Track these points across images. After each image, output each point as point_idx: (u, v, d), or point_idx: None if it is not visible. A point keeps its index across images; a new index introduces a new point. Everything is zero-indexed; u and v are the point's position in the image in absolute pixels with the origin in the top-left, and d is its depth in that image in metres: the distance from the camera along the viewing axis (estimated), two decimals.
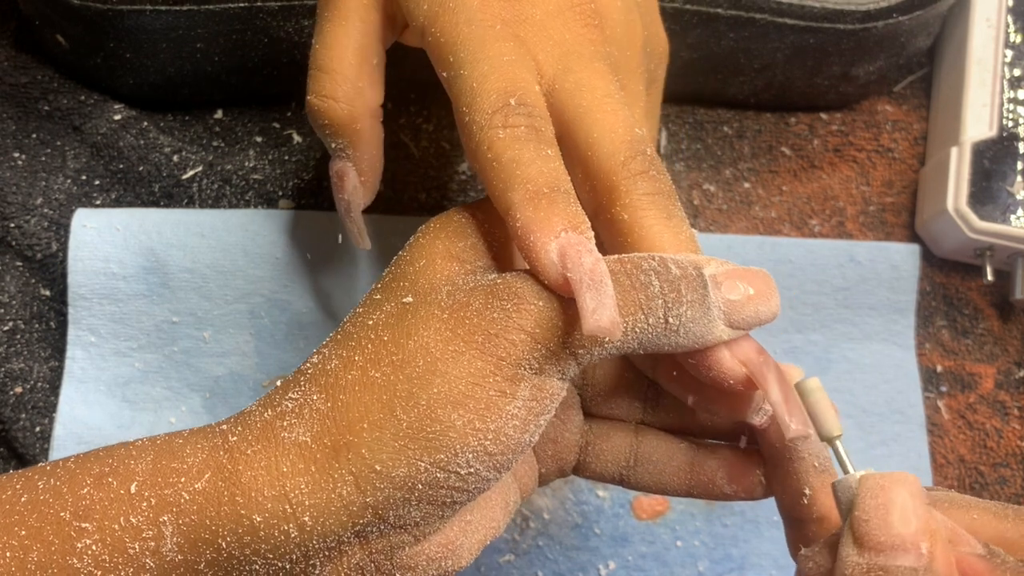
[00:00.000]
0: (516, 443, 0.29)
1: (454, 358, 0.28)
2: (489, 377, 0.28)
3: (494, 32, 0.32)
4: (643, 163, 0.32)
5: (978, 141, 0.50)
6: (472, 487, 0.29)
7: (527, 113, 0.31)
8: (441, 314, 0.29)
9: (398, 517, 0.29)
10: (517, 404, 0.28)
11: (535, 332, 0.28)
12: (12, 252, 0.49)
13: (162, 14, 0.46)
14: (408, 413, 0.28)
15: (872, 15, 0.49)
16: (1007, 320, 0.52)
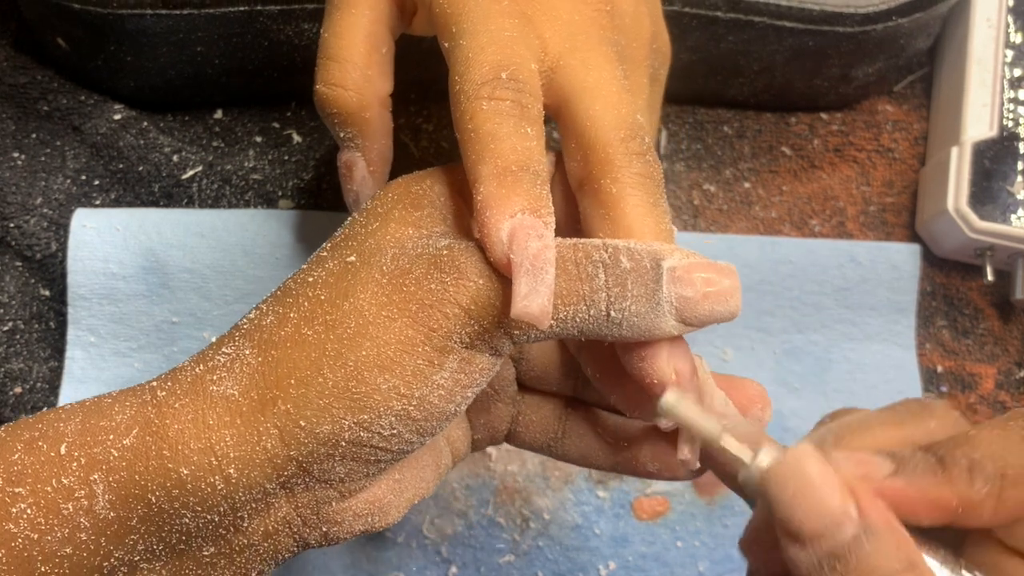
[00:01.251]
0: (440, 411, 0.29)
1: (386, 323, 0.28)
2: (419, 346, 0.28)
3: (499, 7, 0.32)
4: (641, 146, 0.31)
5: (978, 141, 0.50)
6: (395, 448, 0.29)
7: (516, 88, 0.30)
8: (380, 278, 0.29)
9: (322, 472, 0.29)
10: (444, 375, 0.29)
11: (470, 308, 0.28)
12: (12, 252, 0.49)
13: (162, 18, 0.46)
14: (335, 372, 0.28)
15: (871, 18, 0.49)
16: (1007, 320, 0.52)
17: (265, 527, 0.30)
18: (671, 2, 0.48)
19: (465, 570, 0.47)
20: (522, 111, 0.30)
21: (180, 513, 0.29)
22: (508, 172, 0.29)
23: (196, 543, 0.29)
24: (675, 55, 0.50)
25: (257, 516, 0.29)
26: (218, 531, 0.29)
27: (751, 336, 0.50)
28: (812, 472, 0.26)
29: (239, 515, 0.29)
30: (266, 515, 0.30)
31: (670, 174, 0.53)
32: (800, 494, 0.26)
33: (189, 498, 0.28)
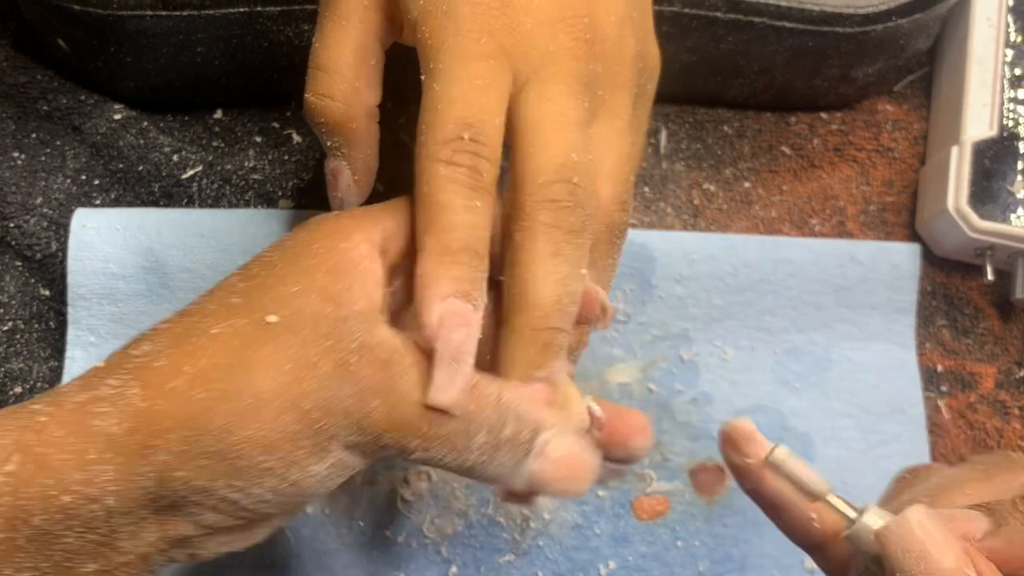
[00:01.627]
0: (312, 492, 0.31)
1: (276, 412, 0.30)
2: (303, 440, 0.30)
3: (477, 47, 0.32)
4: (561, 191, 0.32)
5: (978, 140, 0.50)
6: (260, 511, 0.31)
7: (474, 151, 0.32)
8: (286, 364, 0.30)
9: (190, 515, 0.31)
10: (319, 468, 0.31)
11: (360, 424, 0.30)
12: (12, 252, 0.49)
13: (163, 19, 0.46)
14: (220, 442, 0.29)
15: (871, 18, 0.49)
16: (1007, 320, 0.52)
17: (140, 549, 0.31)
18: (671, 2, 0.48)
19: (465, 570, 0.47)
20: (476, 180, 0.32)
21: (63, 534, 0.30)
22: (448, 251, 0.31)
23: (79, 559, 0.30)
24: (674, 56, 0.50)
25: (132, 539, 0.31)
26: (98, 549, 0.30)
27: (751, 336, 0.50)
28: (934, 534, 0.28)
29: (116, 535, 0.30)
30: (139, 539, 0.31)
31: (670, 174, 0.53)
32: (921, 554, 0.28)
33: (72, 521, 0.29)
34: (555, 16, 0.33)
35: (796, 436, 0.49)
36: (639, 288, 0.50)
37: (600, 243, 0.35)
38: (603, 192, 0.35)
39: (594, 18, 0.34)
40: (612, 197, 0.35)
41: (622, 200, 0.35)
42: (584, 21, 0.34)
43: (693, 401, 0.49)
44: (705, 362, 0.50)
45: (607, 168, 0.35)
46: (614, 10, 0.35)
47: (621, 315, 0.50)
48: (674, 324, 0.50)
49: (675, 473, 0.48)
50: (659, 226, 0.52)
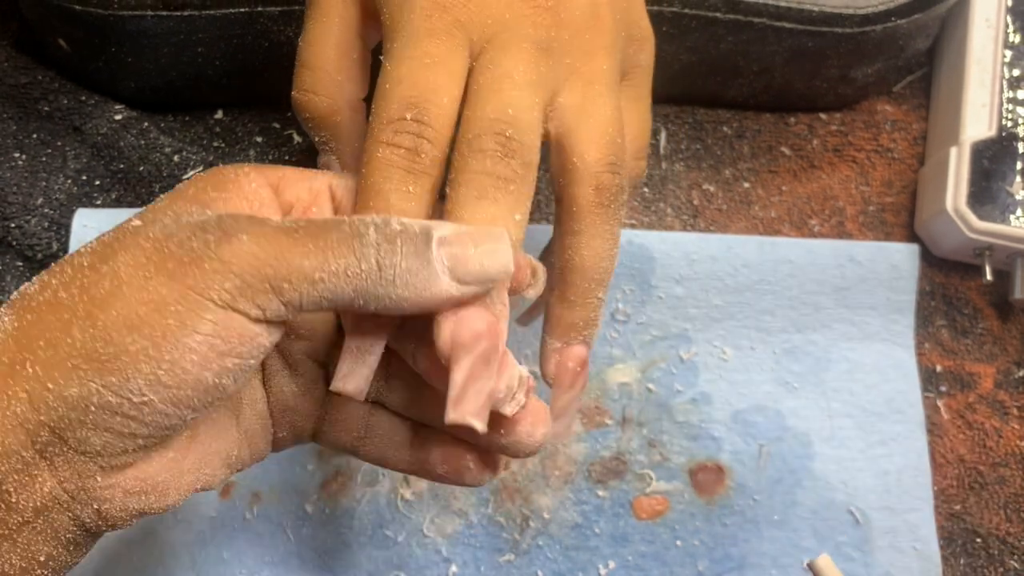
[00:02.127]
0: (196, 379, 0.28)
1: (141, 283, 0.28)
2: (171, 305, 0.27)
3: (428, 25, 0.33)
4: (490, 142, 0.32)
5: (977, 141, 0.50)
6: (149, 419, 0.28)
7: (416, 132, 0.31)
8: (144, 243, 0.28)
9: (77, 441, 0.28)
10: (197, 338, 0.27)
11: (231, 262, 0.28)
12: (12, 252, 0.49)
13: (163, 19, 0.46)
14: (83, 333, 0.27)
15: (870, 19, 0.49)
16: (1006, 320, 0.52)
17: (35, 503, 0.29)
18: (671, 2, 0.48)
19: (465, 569, 0.47)
20: (412, 163, 0.31)
21: None
22: None
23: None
24: (674, 56, 0.50)
25: (24, 490, 0.29)
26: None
27: (751, 336, 0.50)
28: None
29: (5, 489, 0.28)
30: (32, 489, 0.29)
31: (670, 174, 0.53)
32: None
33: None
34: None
35: (795, 436, 0.49)
36: (639, 288, 0.50)
37: (590, 208, 0.34)
38: (587, 155, 0.34)
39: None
40: (597, 159, 0.34)
41: (609, 162, 0.34)
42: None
43: (692, 401, 0.49)
44: (704, 362, 0.50)
45: (587, 131, 0.34)
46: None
47: (621, 315, 0.50)
48: (673, 324, 0.50)
49: (675, 473, 0.48)
50: (659, 226, 0.52)
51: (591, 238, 0.34)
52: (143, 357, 0.27)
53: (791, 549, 0.48)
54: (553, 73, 0.34)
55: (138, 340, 0.27)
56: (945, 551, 0.48)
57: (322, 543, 0.47)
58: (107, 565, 0.46)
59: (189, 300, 0.27)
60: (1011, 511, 0.49)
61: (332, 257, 0.28)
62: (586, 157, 0.34)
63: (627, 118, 0.37)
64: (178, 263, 0.28)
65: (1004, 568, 0.48)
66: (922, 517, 0.48)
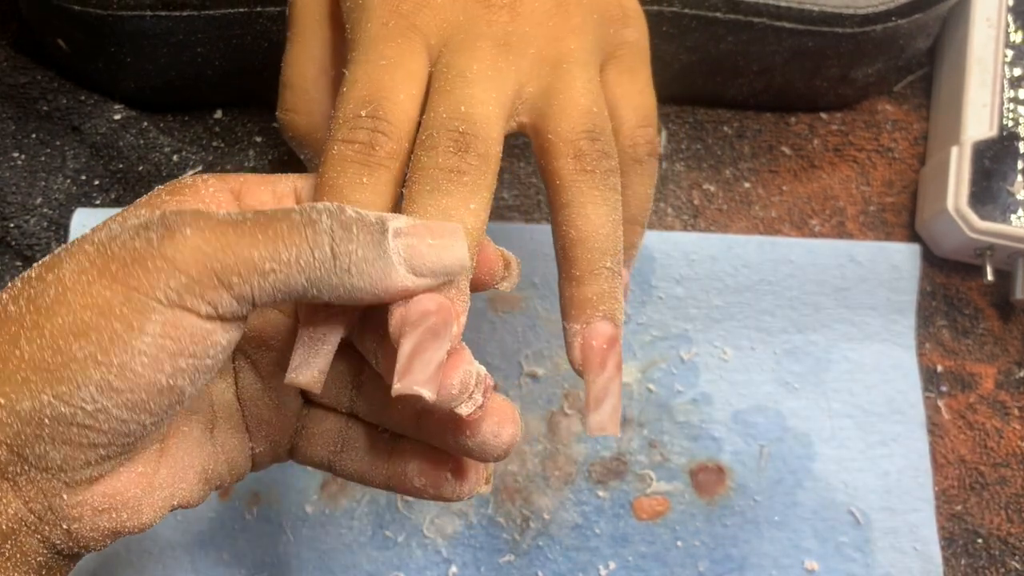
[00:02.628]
0: (148, 382, 0.27)
1: (84, 288, 0.27)
2: (116, 308, 0.26)
3: (384, 31, 0.33)
4: (444, 139, 0.31)
5: (978, 141, 0.50)
6: (106, 427, 0.27)
7: (371, 127, 0.31)
8: (88, 247, 0.28)
9: (36, 457, 0.27)
10: (145, 340, 0.27)
11: (175, 258, 0.27)
12: (12, 252, 0.49)
13: (162, 19, 0.46)
14: (31, 344, 0.27)
15: (871, 19, 0.49)
16: (1007, 320, 0.52)
17: (1, 527, 0.28)
18: (671, 2, 0.48)
19: (465, 570, 0.47)
20: (367, 156, 0.31)
21: None
22: None
23: None
24: (674, 55, 0.50)
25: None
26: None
27: (751, 336, 0.50)
28: None
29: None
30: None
31: (670, 174, 0.53)
32: None
33: None
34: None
35: (796, 436, 0.49)
36: (639, 289, 0.50)
37: (572, 177, 0.33)
38: (560, 127, 0.33)
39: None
40: (570, 128, 0.33)
41: (585, 130, 0.33)
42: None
43: (693, 401, 0.49)
44: (705, 362, 0.50)
45: (558, 106, 0.34)
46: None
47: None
48: (674, 325, 0.50)
49: (675, 473, 0.48)
50: (659, 226, 0.52)
51: (582, 206, 0.33)
52: (91, 363, 0.26)
53: (791, 550, 0.48)
54: (515, 66, 0.34)
55: (85, 346, 0.26)
56: (946, 552, 0.48)
57: (322, 543, 0.47)
58: (105, 566, 0.46)
59: (134, 301, 0.27)
60: (1012, 511, 0.49)
61: (283, 246, 0.27)
62: (559, 130, 0.33)
63: (621, 91, 0.37)
64: (121, 264, 0.27)
65: (1005, 569, 0.48)
66: (923, 517, 0.48)
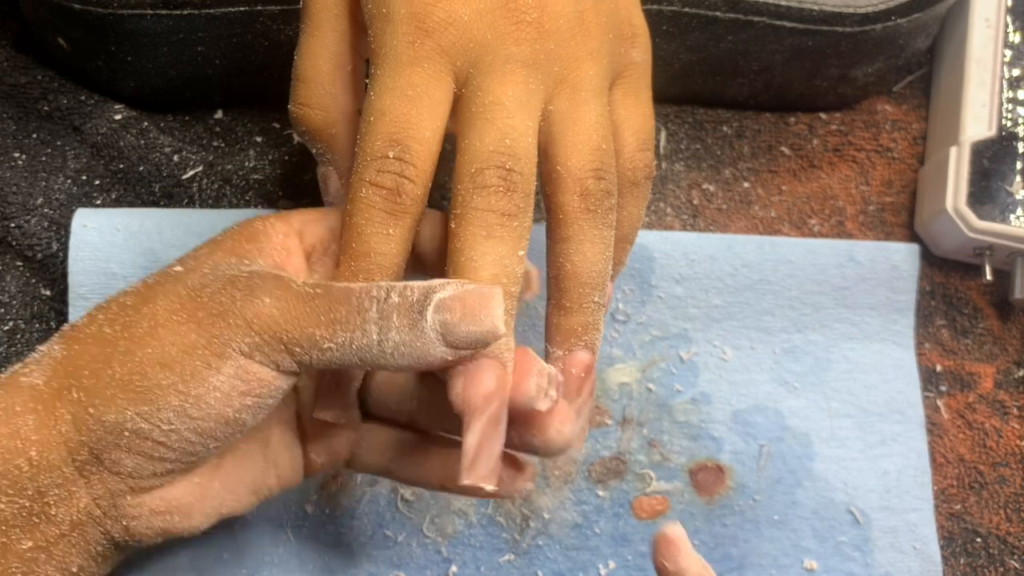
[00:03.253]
0: (219, 414, 0.31)
1: (174, 327, 0.31)
2: (199, 349, 0.31)
3: (411, 51, 0.33)
4: (493, 177, 0.33)
5: (977, 141, 0.50)
6: (176, 446, 0.32)
7: (398, 171, 0.33)
8: (181, 290, 0.32)
9: (111, 462, 0.31)
10: (220, 378, 0.31)
11: (252, 321, 0.31)
12: (12, 252, 0.49)
13: (163, 18, 0.46)
14: (123, 367, 0.31)
15: (870, 18, 0.49)
16: (1006, 320, 0.52)
17: (71, 517, 0.32)
18: (671, 2, 0.48)
19: (465, 569, 0.47)
20: (393, 204, 0.33)
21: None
22: (357, 280, 0.33)
23: (14, 535, 0.31)
24: (674, 55, 0.50)
25: (62, 504, 0.32)
26: (31, 519, 0.32)
27: (750, 336, 0.50)
28: None
29: (46, 500, 0.32)
30: (70, 503, 0.32)
31: (670, 174, 0.53)
32: None
33: (1, 481, 0.31)
34: (497, 3, 0.34)
35: (795, 436, 0.49)
36: (638, 288, 0.50)
37: (576, 214, 0.35)
38: (570, 162, 0.34)
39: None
40: (580, 165, 0.35)
41: (593, 168, 0.35)
42: (529, 2, 0.34)
43: (692, 401, 0.49)
44: (704, 362, 0.50)
45: (571, 139, 0.35)
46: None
47: (620, 315, 0.50)
48: (673, 324, 0.50)
49: (675, 473, 0.48)
50: (658, 226, 0.52)
51: (580, 244, 0.35)
52: (172, 391, 0.31)
53: (791, 549, 0.48)
54: (543, 86, 0.35)
55: (169, 376, 0.31)
56: (945, 551, 0.49)
57: (322, 543, 0.47)
58: None
59: (214, 346, 0.31)
60: (1011, 511, 0.49)
61: (340, 330, 0.31)
62: (569, 164, 0.35)
63: (625, 114, 0.38)
64: (207, 313, 0.31)
65: (1004, 568, 0.48)
66: (922, 517, 0.48)
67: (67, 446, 0.31)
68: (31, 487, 0.31)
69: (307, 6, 0.37)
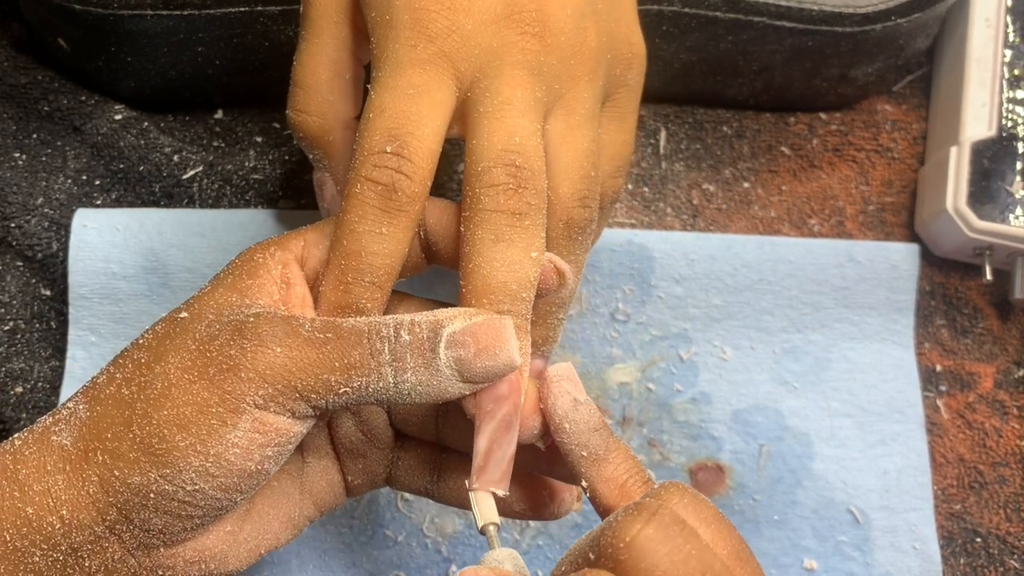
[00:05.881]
0: (240, 469, 0.31)
1: (186, 386, 0.31)
2: (213, 407, 0.31)
3: (412, 55, 0.33)
4: (501, 175, 0.33)
5: (977, 141, 0.50)
6: (202, 503, 0.31)
7: (395, 167, 0.32)
8: (191, 344, 0.32)
9: (141, 520, 0.31)
10: (238, 434, 0.31)
11: (265, 373, 0.31)
12: (12, 252, 0.49)
13: (163, 18, 0.46)
14: (142, 430, 0.31)
15: (870, 18, 0.49)
16: (1006, 319, 0.52)
17: (105, 568, 0.32)
18: (671, 1, 0.48)
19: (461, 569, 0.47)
20: (389, 202, 0.32)
21: (30, 551, 0.31)
22: (343, 280, 0.33)
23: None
24: (674, 55, 0.50)
25: (96, 556, 0.32)
26: (65, 571, 0.32)
27: (750, 336, 0.50)
28: None
29: (79, 555, 0.32)
30: (103, 556, 0.32)
31: (669, 174, 0.53)
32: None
33: (36, 536, 0.31)
34: (500, 14, 0.34)
35: (795, 436, 0.49)
36: (638, 288, 0.50)
37: (558, 241, 0.35)
38: (560, 189, 0.35)
39: (544, 12, 0.34)
40: (570, 193, 0.35)
41: (581, 196, 0.35)
42: (533, 15, 0.34)
43: (692, 401, 0.49)
44: (704, 362, 0.50)
45: (563, 164, 0.35)
46: (570, 3, 0.35)
47: (620, 315, 0.50)
48: (673, 324, 0.50)
49: (675, 473, 0.48)
50: (658, 226, 0.52)
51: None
52: (192, 452, 0.31)
53: (791, 549, 0.48)
54: (546, 98, 0.35)
55: (187, 437, 0.31)
56: (945, 551, 0.49)
57: (322, 543, 0.47)
58: None
59: (228, 403, 0.31)
60: (1011, 511, 0.49)
61: (355, 375, 0.31)
62: (560, 192, 0.35)
63: (607, 139, 0.38)
64: (218, 369, 0.31)
65: (1004, 568, 0.48)
66: (922, 516, 0.48)
67: (96, 507, 0.31)
68: (64, 543, 0.31)
69: (307, 12, 0.37)
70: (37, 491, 0.31)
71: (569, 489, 0.37)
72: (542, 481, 0.37)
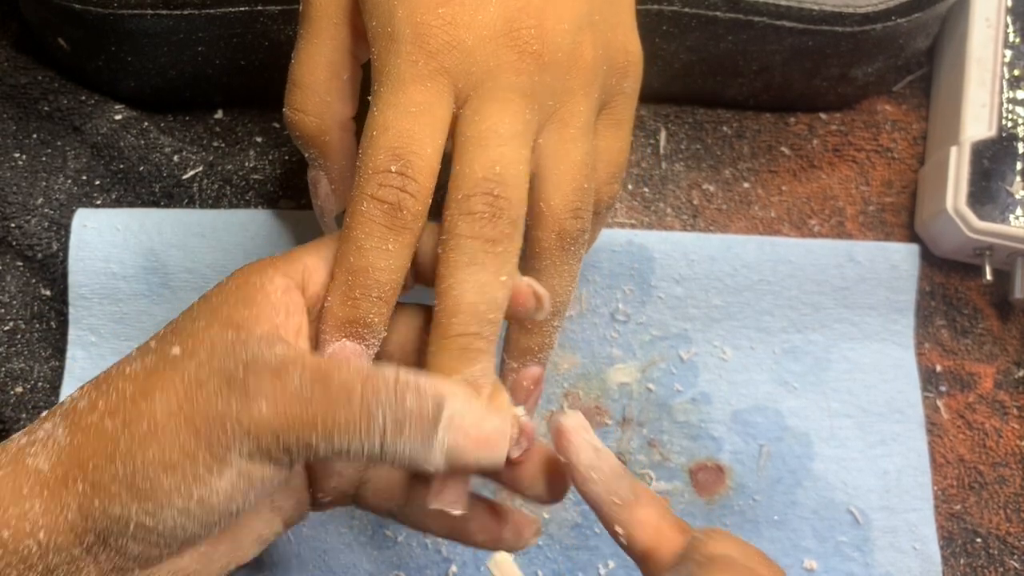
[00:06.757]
0: (222, 510, 0.32)
1: (173, 431, 0.31)
2: (200, 455, 0.31)
3: (414, 70, 0.33)
4: (479, 203, 0.33)
5: (977, 141, 0.50)
6: (180, 535, 0.32)
7: (400, 186, 0.33)
8: (179, 386, 0.31)
9: (118, 546, 0.31)
10: (223, 482, 0.31)
11: (250, 428, 0.31)
12: (12, 252, 0.49)
13: (163, 18, 0.46)
14: (125, 466, 0.31)
15: (870, 18, 0.49)
16: (1006, 320, 0.52)
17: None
18: (671, 1, 0.48)
19: (465, 569, 0.47)
20: (393, 219, 0.33)
21: (6, 572, 0.31)
22: (351, 295, 0.33)
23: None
24: (674, 55, 0.50)
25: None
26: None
27: (750, 336, 0.50)
28: None
29: (55, 575, 0.32)
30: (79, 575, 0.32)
31: (669, 174, 0.53)
32: None
33: (12, 557, 0.31)
34: (500, 30, 0.34)
35: (795, 436, 0.49)
36: (638, 288, 0.50)
37: (551, 251, 0.36)
38: (552, 201, 0.35)
39: (543, 28, 0.34)
40: (562, 206, 0.35)
41: (573, 208, 0.36)
42: (532, 32, 0.34)
43: (692, 401, 0.49)
44: (704, 362, 0.50)
45: (556, 177, 0.35)
46: (568, 16, 0.35)
47: (621, 315, 0.50)
48: (673, 324, 0.50)
49: (675, 473, 0.48)
50: (658, 226, 0.52)
51: (550, 276, 0.36)
52: (176, 493, 0.31)
53: (791, 549, 0.48)
54: (537, 117, 0.35)
55: (172, 479, 0.31)
56: (945, 551, 0.49)
57: (322, 543, 0.47)
58: None
59: (215, 452, 0.31)
60: (1011, 511, 0.49)
61: (338, 436, 0.31)
62: (552, 203, 0.35)
63: (603, 145, 0.38)
64: (204, 420, 0.31)
65: (1004, 568, 0.48)
66: (922, 517, 0.48)
67: (74, 531, 0.31)
68: (40, 564, 0.31)
69: (306, 11, 0.37)
70: (13, 514, 0.31)
71: (530, 523, 0.39)
72: (506, 512, 0.38)
